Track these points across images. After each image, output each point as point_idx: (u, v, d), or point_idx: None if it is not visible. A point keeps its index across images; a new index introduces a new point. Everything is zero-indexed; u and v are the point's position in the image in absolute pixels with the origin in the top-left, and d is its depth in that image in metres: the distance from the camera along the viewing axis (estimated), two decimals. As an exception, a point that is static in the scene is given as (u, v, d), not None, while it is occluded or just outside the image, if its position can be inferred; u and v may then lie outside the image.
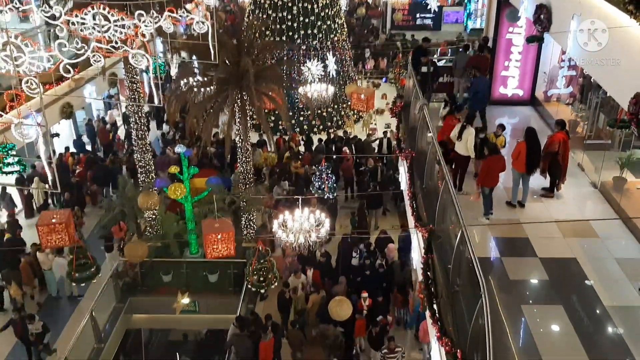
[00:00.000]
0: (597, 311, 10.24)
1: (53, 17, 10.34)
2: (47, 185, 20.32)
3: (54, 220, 11.52)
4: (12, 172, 19.12)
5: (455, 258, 9.63)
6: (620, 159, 13.33)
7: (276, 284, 13.05)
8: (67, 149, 22.62)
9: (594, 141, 14.84)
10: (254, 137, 20.83)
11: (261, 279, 12.53)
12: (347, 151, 21.55)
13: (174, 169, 15.59)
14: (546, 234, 11.91)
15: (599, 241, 11.78)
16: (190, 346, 18.22)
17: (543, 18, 12.85)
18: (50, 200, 20.80)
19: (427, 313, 11.51)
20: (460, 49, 19.79)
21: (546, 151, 12.63)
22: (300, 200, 12.39)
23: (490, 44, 17.59)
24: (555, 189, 13.21)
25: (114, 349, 15.23)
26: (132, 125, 16.93)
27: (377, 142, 22.48)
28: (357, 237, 17.25)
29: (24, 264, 16.06)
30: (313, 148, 22.75)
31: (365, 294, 14.65)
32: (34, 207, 20.55)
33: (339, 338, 13.87)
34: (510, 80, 17.27)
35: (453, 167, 13.55)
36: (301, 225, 12.32)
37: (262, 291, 13.70)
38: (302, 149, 22.93)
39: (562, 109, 16.64)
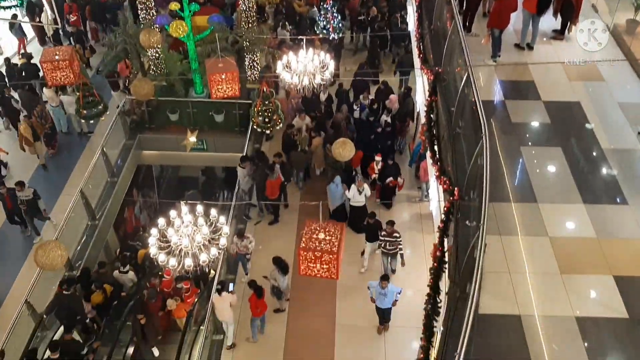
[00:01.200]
0: (595, 153, 10.54)
1: None
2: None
3: (57, 57, 11.46)
4: (9, 7, 18.68)
5: (460, 100, 9.70)
6: (636, 1, 12.82)
7: (281, 125, 13.24)
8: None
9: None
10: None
11: (266, 120, 12.69)
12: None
13: (174, 6, 15.04)
14: (552, 77, 11.86)
15: (605, 85, 11.76)
16: (201, 182, 18.99)
17: None
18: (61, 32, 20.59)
19: (428, 154, 11.86)
20: None
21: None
22: (304, 41, 12.12)
23: None
24: (566, 31, 12.87)
25: (127, 183, 15.91)
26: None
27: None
28: (363, 79, 17.13)
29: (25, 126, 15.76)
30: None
31: (379, 157, 14.53)
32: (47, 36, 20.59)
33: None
34: None
35: (463, 7, 13.08)
36: (305, 66, 12.18)
37: (267, 132, 13.93)
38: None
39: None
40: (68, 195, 14.83)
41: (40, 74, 15.70)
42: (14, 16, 19.56)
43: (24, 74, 17.46)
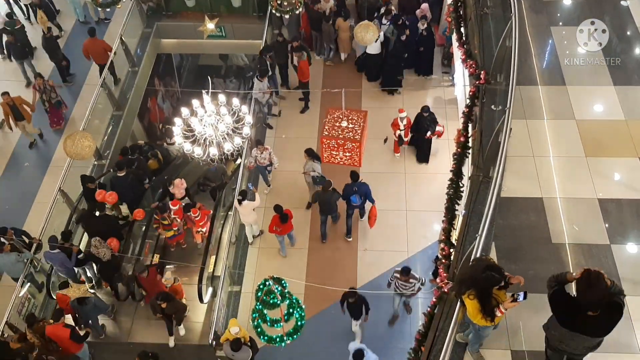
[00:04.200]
0: (629, 32, 10.10)
1: None
2: None
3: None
4: None
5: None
6: None
7: (300, 8, 12.78)
8: None
9: None
10: None
11: (284, 2, 12.28)
12: None
13: None
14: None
15: None
16: (221, 70, 18.80)
17: None
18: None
19: (454, 36, 11.48)
20: None
21: None
22: None
23: None
24: None
25: (147, 72, 15.81)
26: None
27: None
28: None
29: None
30: None
31: (402, 113, 12.42)
32: None
33: None
34: None
35: None
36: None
37: (287, 16, 13.49)
38: None
39: None
40: (90, 85, 14.87)
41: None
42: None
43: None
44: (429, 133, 12.41)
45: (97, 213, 11.11)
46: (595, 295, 4.81)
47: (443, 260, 7.70)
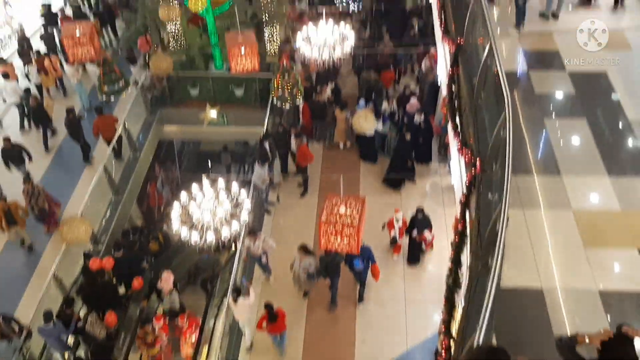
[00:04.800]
0: (620, 124, 10.32)
1: None
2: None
3: (77, 34, 11.50)
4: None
5: (482, 71, 9.53)
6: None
7: (301, 98, 13.17)
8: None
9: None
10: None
11: (286, 94, 12.66)
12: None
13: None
14: (577, 47, 11.57)
15: (632, 54, 11.45)
16: (222, 156, 19.03)
17: None
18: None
19: (449, 125, 11.71)
20: None
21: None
22: (324, 12, 11.98)
23: None
24: (593, -1, 12.54)
25: (149, 158, 16.06)
26: None
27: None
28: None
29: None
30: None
31: (398, 214, 12.54)
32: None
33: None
34: None
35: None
36: (325, 39, 12.05)
37: (287, 106, 13.89)
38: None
39: None
40: (91, 169, 14.99)
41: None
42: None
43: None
44: (415, 232, 12.21)
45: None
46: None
47: (443, 354, 7.44)
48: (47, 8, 18.00)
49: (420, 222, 12.24)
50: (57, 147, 15.41)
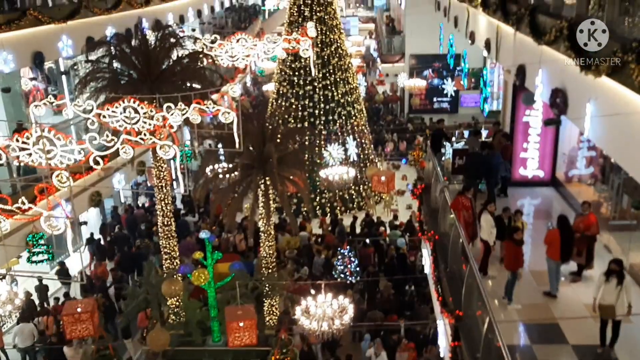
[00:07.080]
0: None
1: (85, 111, 10.92)
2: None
3: (79, 310, 11.62)
4: (40, 261, 19.50)
5: (484, 346, 9.42)
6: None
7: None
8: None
9: (619, 222, 14.64)
10: (276, 221, 20.98)
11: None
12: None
13: (198, 255, 15.72)
14: (577, 319, 11.59)
15: (633, 326, 11.40)
16: None
17: (559, 102, 13.04)
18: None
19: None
20: (470, 133, 19.61)
21: (584, 234, 12.60)
22: (323, 285, 12.34)
23: (507, 128, 17.84)
24: (582, 272, 13.02)
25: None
26: (157, 212, 17.17)
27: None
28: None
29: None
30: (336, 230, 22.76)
31: None
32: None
33: None
34: (529, 161, 17.33)
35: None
36: (324, 311, 12.19)
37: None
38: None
39: (584, 190, 16.54)
40: None
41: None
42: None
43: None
44: None
45: None
46: None
47: None
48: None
49: None
50: None
